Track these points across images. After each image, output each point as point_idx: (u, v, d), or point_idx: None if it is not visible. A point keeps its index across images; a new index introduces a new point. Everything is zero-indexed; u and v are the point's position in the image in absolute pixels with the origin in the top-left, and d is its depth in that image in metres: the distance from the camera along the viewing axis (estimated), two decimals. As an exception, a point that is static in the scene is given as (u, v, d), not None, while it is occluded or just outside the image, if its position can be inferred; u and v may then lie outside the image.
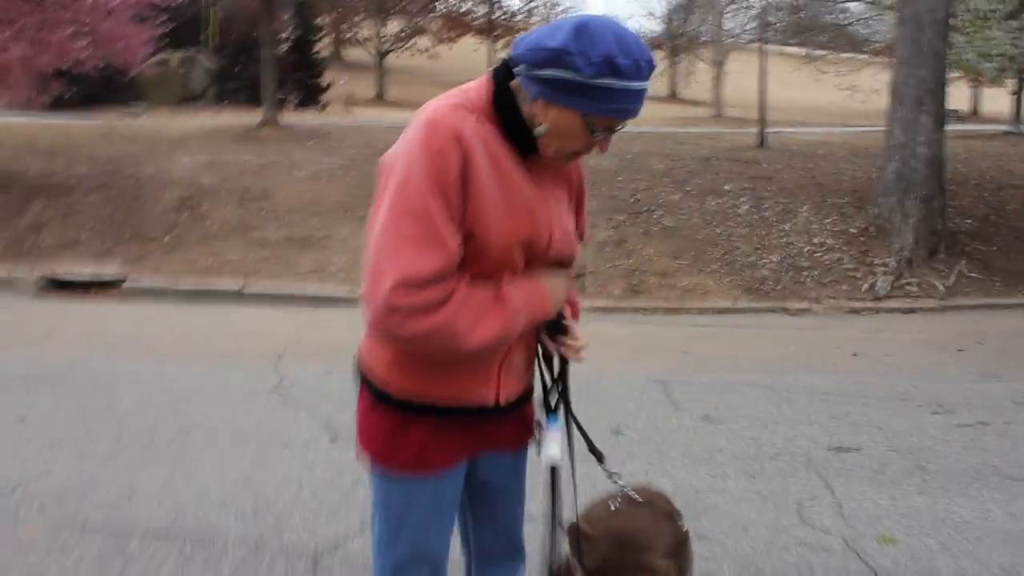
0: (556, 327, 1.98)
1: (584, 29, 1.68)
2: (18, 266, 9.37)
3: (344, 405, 5.14)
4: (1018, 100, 23.02)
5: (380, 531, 2.05)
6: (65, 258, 9.61)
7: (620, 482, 2.13)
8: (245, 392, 5.57)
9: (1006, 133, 21.07)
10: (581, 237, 2.11)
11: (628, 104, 1.75)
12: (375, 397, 1.95)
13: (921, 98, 9.98)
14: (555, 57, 1.68)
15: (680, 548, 2.31)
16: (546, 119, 1.77)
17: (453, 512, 2.09)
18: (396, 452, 1.94)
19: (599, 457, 2.16)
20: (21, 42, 9.88)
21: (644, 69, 1.73)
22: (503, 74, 1.82)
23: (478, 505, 2.17)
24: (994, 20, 11.04)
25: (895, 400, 5.73)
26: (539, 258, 1.90)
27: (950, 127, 25.24)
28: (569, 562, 2.39)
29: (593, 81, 1.68)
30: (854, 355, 6.98)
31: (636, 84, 1.72)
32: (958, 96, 34.40)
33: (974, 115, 35.69)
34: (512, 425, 2.07)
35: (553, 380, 2.08)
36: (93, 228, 10.26)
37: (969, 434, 5.08)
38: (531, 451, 2.15)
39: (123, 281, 9.00)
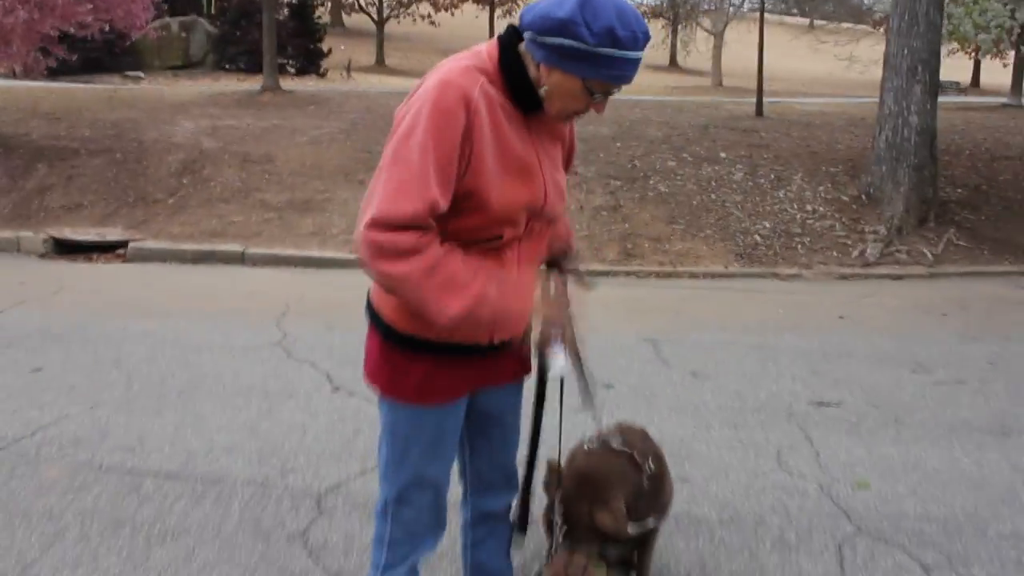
0: None
1: (588, 2, 1.86)
2: (24, 228, 9.52)
3: (345, 359, 5.41)
4: (1017, 73, 23.06)
5: (387, 458, 2.26)
6: (70, 221, 9.77)
7: (600, 425, 2.41)
8: (250, 347, 5.77)
9: (1004, 105, 21.15)
10: (568, 172, 2.34)
11: (625, 71, 1.94)
12: (383, 335, 2.15)
13: (915, 68, 10.09)
14: (561, 26, 1.87)
15: (643, 496, 2.56)
16: (549, 82, 1.96)
17: (454, 442, 2.29)
18: (402, 385, 2.15)
19: (589, 402, 2.42)
20: (25, 5, 9.96)
21: (641, 40, 1.91)
22: (510, 39, 2.01)
23: (476, 435, 2.38)
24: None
25: (877, 359, 5.94)
26: (536, 215, 2.09)
27: (949, 99, 25.39)
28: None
29: (595, 50, 1.87)
30: (840, 318, 7.18)
31: (633, 53, 1.91)
32: (959, 68, 34.43)
33: (975, 87, 35.68)
34: (510, 361, 2.27)
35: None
36: (97, 191, 10.40)
37: (945, 391, 5.29)
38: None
39: (128, 243, 9.15)
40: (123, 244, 9.17)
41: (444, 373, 2.14)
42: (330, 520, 3.48)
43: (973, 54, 15.89)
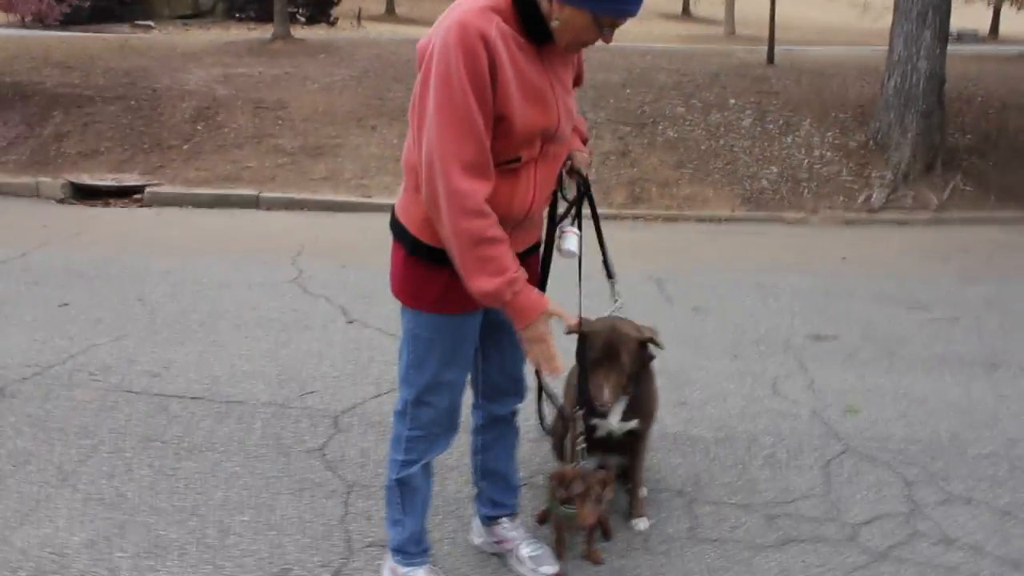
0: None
1: None
2: (43, 174, 9.71)
3: (359, 294, 5.63)
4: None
5: (407, 362, 2.45)
6: (87, 166, 9.93)
7: (619, 301, 2.66)
8: (267, 284, 5.98)
9: (1022, 55, 20.97)
10: (579, 86, 2.55)
11: (631, 5, 2.11)
12: (408, 249, 2.33)
13: (925, 13, 10.06)
14: None
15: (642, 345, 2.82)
16: (561, 16, 2.12)
17: (470, 349, 2.49)
18: (424, 294, 2.34)
19: (610, 274, 2.68)
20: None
21: None
22: None
23: (488, 343, 2.57)
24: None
25: (875, 298, 6.10)
26: (549, 138, 2.27)
27: (967, 47, 25.12)
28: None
29: None
30: (843, 259, 7.32)
31: None
32: (978, 16, 33.97)
33: (994, 36, 35.25)
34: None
35: (569, 203, 2.56)
36: (113, 138, 10.56)
37: (940, 327, 5.46)
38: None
39: (144, 188, 9.33)
40: (140, 189, 9.35)
41: (462, 284, 2.29)
42: (346, 437, 3.70)
43: (991, 1, 15.75)
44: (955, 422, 4.03)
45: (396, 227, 2.36)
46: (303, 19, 25.67)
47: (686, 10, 41.19)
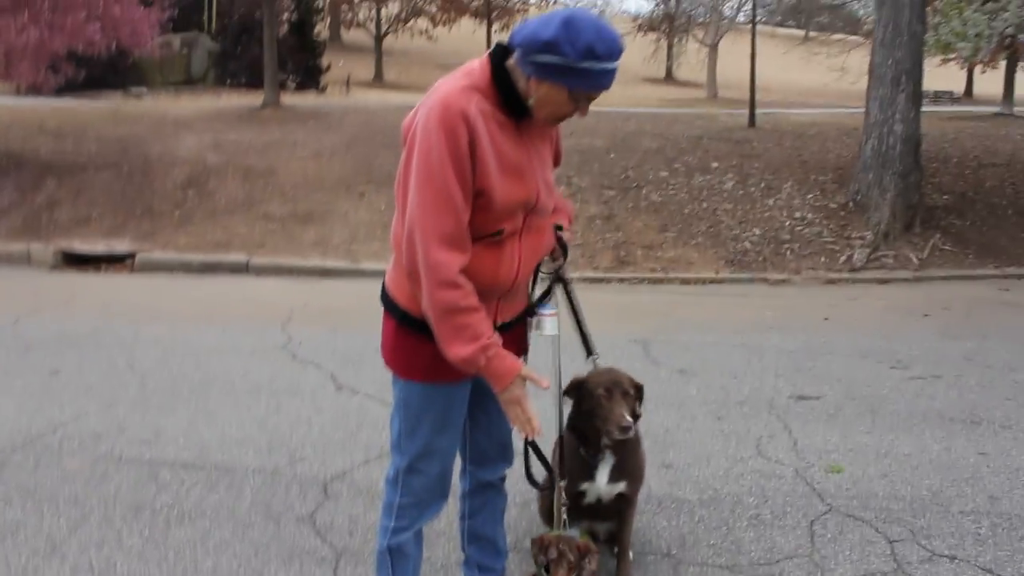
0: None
1: (571, 22, 2.14)
2: (35, 241, 9.80)
3: (348, 360, 5.68)
4: (1008, 83, 23.41)
5: (399, 431, 2.51)
6: (79, 233, 10.04)
7: (596, 355, 2.74)
8: (257, 350, 6.03)
9: (996, 114, 21.49)
10: (556, 166, 2.64)
11: (604, 80, 2.22)
12: (398, 321, 2.41)
13: (899, 78, 10.37)
14: (547, 46, 2.14)
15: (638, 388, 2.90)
16: (538, 93, 2.23)
17: (460, 417, 2.55)
18: (415, 364, 2.41)
19: (590, 352, 2.75)
20: (37, 25, 10.27)
21: (616, 52, 2.20)
22: (499, 55, 2.29)
23: (476, 410, 2.63)
24: (972, 3, 11.41)
25: (858, 356, 6.19)
26: (532, 209, 2.37)
27: (943, 108, 25.64)
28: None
29: (578, 64, 2.15)
30: (825, 319, 7.43)
31: (611, 64, 2.20)
32: (953, 78, 34.76)
33: (968, 96, 36.11)
34: (507, 343, 2.53)
35: (544, 293, 2.64)
36: (105, 205, 10.68)
37: (921, 385, 5.55)
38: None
39: (135, 254, 9.42)
40: (131, 255, 9.44)
41: None
42: (336, 504, 3.73)
43: (959, 63, 16.25)
44: (937, 479, 4.09)
45: (386, 299, 2.44)
46: (293, 86, 26.08)
47: (669, 74, 42.03)
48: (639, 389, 2.96)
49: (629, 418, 2.79)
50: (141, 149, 12.85)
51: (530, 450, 2.81)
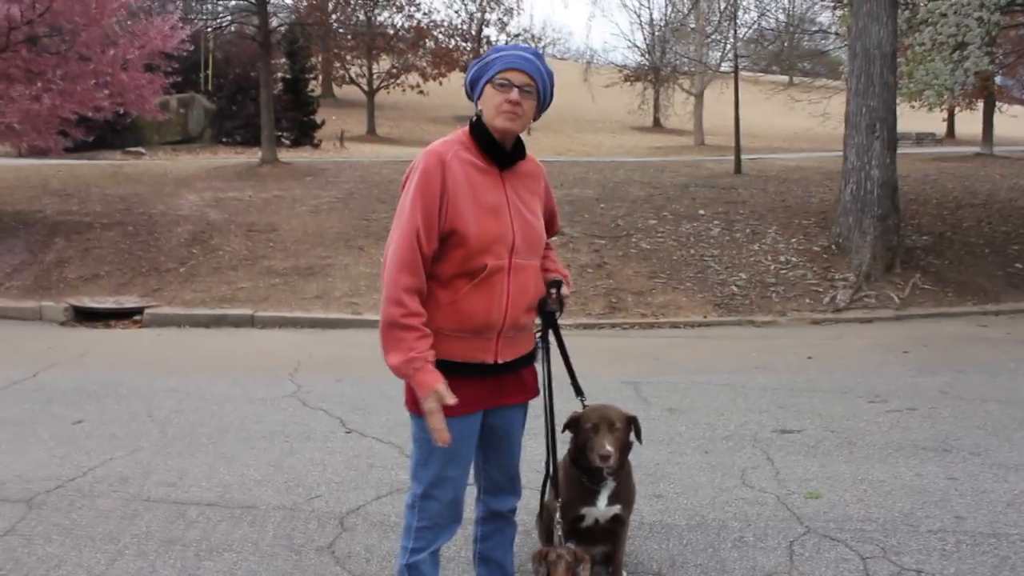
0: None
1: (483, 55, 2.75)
2: (46, 298, 10.13)
3: (355, 406, 6.01)
4: (987, 123, 24.11)
5: (415, 461, 2.86)
6: (88, 290, 10.38)
7: (586, 403, 3.08)
8: (268, 398, 6.35)
9: (977, 154, 22.13)
10: (556, 232, 3.11)
11: (512, 60, 2.71)
12: None
13: (874, 126, 10.86)
14: (470, 78, 2.74)
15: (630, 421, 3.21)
16: (482, 105, 2.75)
17: (470, 449, 2.89)
18: None
19: (578, 392, 3.09)
20: (50, 93, 10.73)
21: (520, 47, 2.75)
22: (479, 118, 2.79)
23: (488, 445, 2.97)
24: (941, 52, 11.97)
25: (838, 392, 6.53)
26: (512, 249, 2.73)
27: (926, 150, 26.19)
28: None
29: (486, 60, 2.72)
30: (808, 358, 7.78)
31: (513, 51, 2.73)
32: (935, 120, 35.52)
33: (951, 137, 36.93)
34: (514, 385, 2.89)
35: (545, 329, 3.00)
36: (112, 262, 11.05)
37: (897, 417, 5.88)
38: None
39: (144, 310, 9.76)
40: (139, 311, 9.78)
41: (460, 392, 2.69)
42: (352, 535, 4.03)
43: (928, 109, 16.93)
44: (908, 502, 4.41)
45: None
46: (288, 142, 26.63)
47: (657, 123, 42.82)
48: (631, 421, 3.29)
49: (609, 448, 3.11)
50: (144, 207, 13.27)
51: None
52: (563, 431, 3.22)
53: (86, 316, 9.83)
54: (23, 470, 4.85)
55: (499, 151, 2.73)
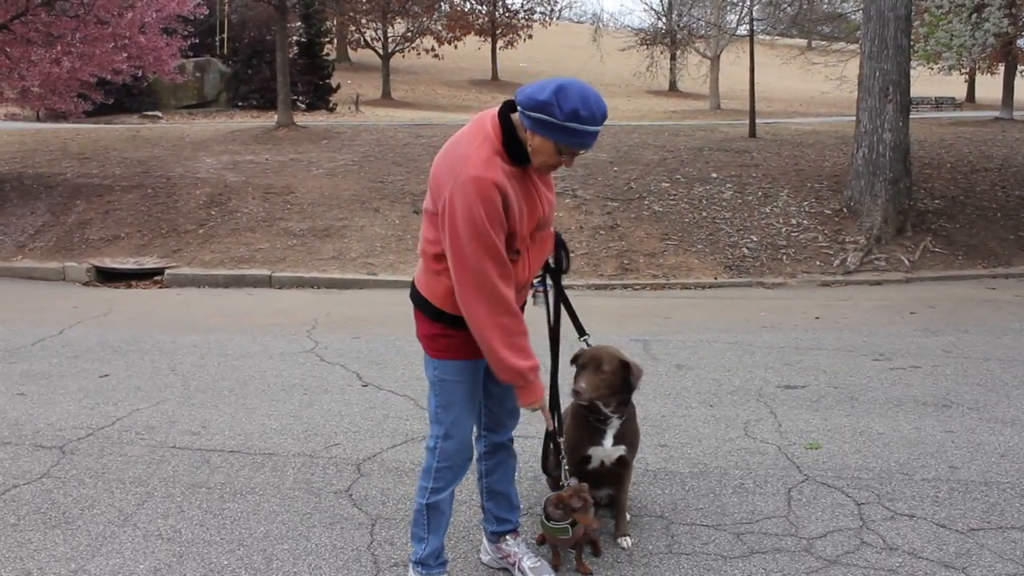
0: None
1: (561, 89, 2.69)
2: (68, 259, 10.36)
3: (372, 361, 6.21)
4: (1008, 88, 23.91)
5: (436, 405, 3.05)
6: (109, 251, 10.59)
7: (587, 336, 3.26)
8: (287, 354, 6.54)
9: (996, 119, 21.98)
10: None
11: (586, 140, 2.78)
12: (432, 316, 2.97)
13: (886, 89, 10.87)
14: (541, 106, 2.70)
15: (624, 365, 3.37)
16: (533, 143, 2.80)
17: (480, 390, 3.11)
18: (449, 347, 2.98)
19: (581, 332, 3.26)
20: (70, 56, 10.87)
21: (599, 118, 2.74)
22: (506, 111, 2.86)
23: (491, 383, 3.14)
24: (959, 13, 11.90)
25: (843, 350, 6.66)
26: (540, 227, 2.97)
27: (945, 114, 25.99)
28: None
29: (563, 123, 2.71)
30: (816, 318, 7.90)
31: (592, 127, 2.75)
32: (955, 83, 35.18)
33: (971, 102, 36.60)
34: None
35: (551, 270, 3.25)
36: (132, 224, 11.24)
37: (899, 375, 6.02)
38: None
39: (164, 270, 9.96)
40: (160, 271, 9.99)
41: (471, 338, 2.90)
42: (369, 480, 4.22)
43: (946, 72, 16.82)
44: (905, 453, 4.56)
45: (418, 300, 3.00)
46: (304, 106, 26.71)
47: (673, 86, 42.58)
48: (626, 366, 3.42)
49: (583, 385, 3.30)
50: (163, 170, 13.44)
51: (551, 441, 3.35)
52: (571, 363, 3.40)
53: (108, 276, 10.06)
54: (55, 419, 5.07)
55: (526, 155, 2.84)
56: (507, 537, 3.37)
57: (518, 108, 2.77)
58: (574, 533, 3.24)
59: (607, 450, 3.47)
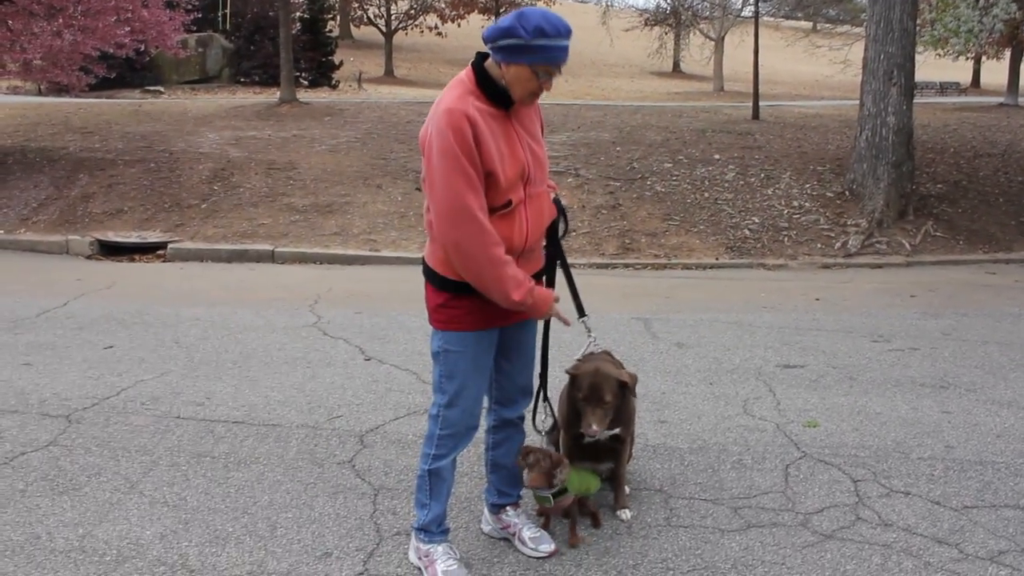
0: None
1: (522, 13, 2.79)
2: (72, 232, 10.38)
3: (374, 336, 6.25)
4: (1013, 73, 23.82)
5: (440, 373, 3.08)
6: (112, 225, 10.61)
7: (592, 335, 3.27)
8: (289, 327, 6.59)
9: (1000, 105, 21.93)
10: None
11: (557, 55, 2.83)
12: (438, 285, 3.00)
13: (891, 72, 10.85)
14: (505, 32, 2.77)
15: (623, 386, 3.38)
16: (508, 74, 2.85)
17: (488, 361, 3.13)
18: (454, 316, 3.01)
19: (581, 311, 3.30)
20: (71, 29, 10.85)
21: (563, 32, 2.80)
22: (479, 61, 2.91)
23: (502, 358, 3.19)
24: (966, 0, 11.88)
25: (842, 332, 6.70)
26: (528, 180, 2.93)
27: (949, 99, 25.89)
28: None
29: (532, 42, 2.76)
30: (816, 300, 7.94)
31: (559, 42, 2.80)
32: (960, 69, 35.04)
33: (976, 87, 36.46)
34: None
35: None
36: (135, 198, 11.26)
37: (898, 356, 6.06)
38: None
39: (167, 244, 9.99)
40: (163, 245, 10.01)
41: (480, 310, 2.97)
42: (372, 451, 4.27)
43: (953, 57, 16.77)
44: (902, 432, 4.61)
45: (427, 270, 3.03)
46: (306, 82, 26.64)
47: (677, 67, 42.42)
48: (623, 386, 3.42)
49: (594, 427, 3.29)
50: (165, 145, 13.44)
51: (540, 398, 3.39)
52: (566, 373, 3.45)
53: (111, 250, 10.09)
54: (60, 389, 5.11)
55: (506, 98, 2.87)
56: (508, 508, 3.42)
57: (487, 45, 2.82)
58: (557, 502, 3.30)
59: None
